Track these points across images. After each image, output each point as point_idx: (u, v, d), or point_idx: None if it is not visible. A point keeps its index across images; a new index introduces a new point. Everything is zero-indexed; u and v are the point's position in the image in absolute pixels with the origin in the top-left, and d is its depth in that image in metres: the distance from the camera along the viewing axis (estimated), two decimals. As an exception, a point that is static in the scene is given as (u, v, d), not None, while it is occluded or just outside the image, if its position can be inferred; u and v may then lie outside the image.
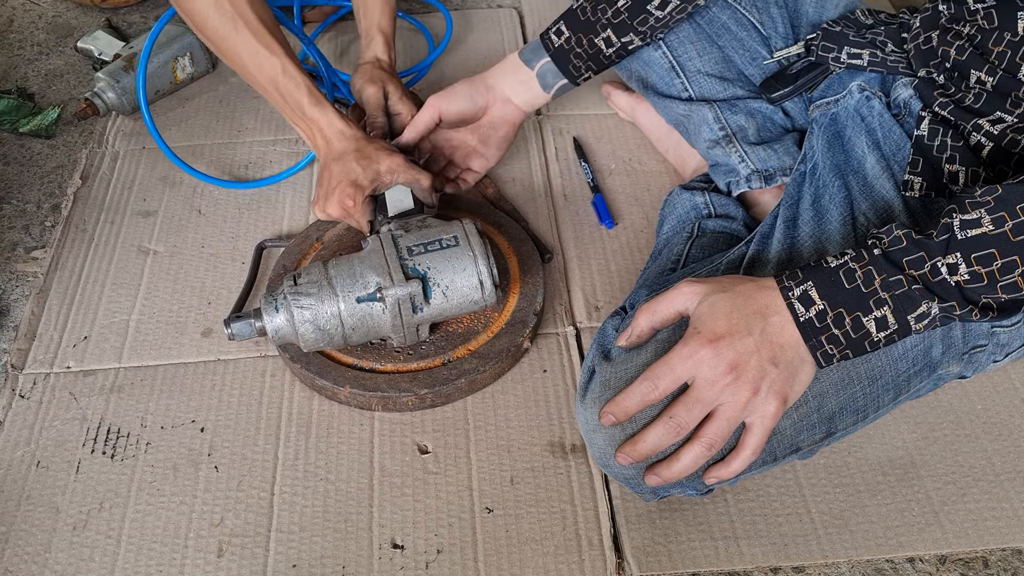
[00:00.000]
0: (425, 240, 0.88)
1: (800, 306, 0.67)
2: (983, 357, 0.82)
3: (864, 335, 0.67)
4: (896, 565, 0.84)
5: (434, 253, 0.88)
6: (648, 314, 0.73)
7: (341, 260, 0.89)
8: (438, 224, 0.91)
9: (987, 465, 0.90)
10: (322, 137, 0.96)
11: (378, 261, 0.87)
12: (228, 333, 0.89)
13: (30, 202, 1.20)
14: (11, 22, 1.51)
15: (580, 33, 0.96)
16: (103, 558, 0.84)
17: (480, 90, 1.02)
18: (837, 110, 0.91)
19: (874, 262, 0.66)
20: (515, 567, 0.84)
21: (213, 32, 0.93)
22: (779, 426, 0.76)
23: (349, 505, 0.88)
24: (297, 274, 0.89)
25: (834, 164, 0.88)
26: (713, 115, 1.02)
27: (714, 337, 0.67)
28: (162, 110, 1.32)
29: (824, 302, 0.66)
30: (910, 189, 0.82)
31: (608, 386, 0.77)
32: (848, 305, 0.66)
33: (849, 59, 0.91)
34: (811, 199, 0.87)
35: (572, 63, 0.98)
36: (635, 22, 0.94)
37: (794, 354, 0.68)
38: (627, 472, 0.80)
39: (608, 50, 0.97)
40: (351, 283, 0.87)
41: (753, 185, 1.00)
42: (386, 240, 0.89)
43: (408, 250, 0.88)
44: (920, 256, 0.65)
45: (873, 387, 0.78)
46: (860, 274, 0.66)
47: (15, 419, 0.95)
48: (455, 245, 0.88)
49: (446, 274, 0.88)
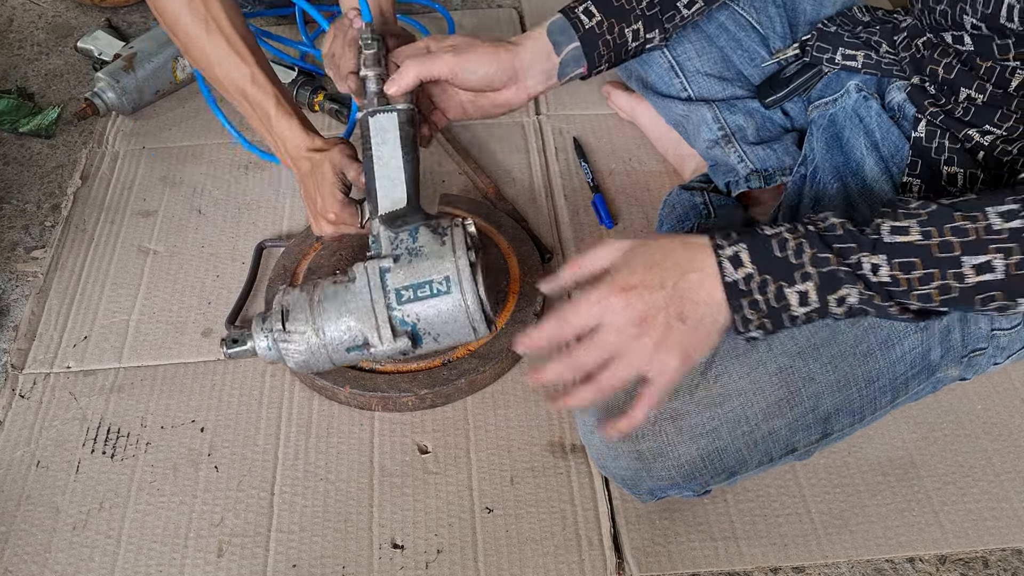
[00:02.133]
0: (415, 282, 0.81)
1: (729, 266, 0.67)
2: (983, 360, 0.82)
3: (785, 307, 0.67)
4: (896, 565, 0.84)
5: (424, 301, 0.81)
6: (574, 268, 0.72)
7: (327, 300, 0.83)
8: (430, 247, 0.82)
9: (987, 465, 0.90)
10: (288, 156, 0.94)
11: (365, 311, 0.82)
12: (226, 353, 0.87)
13: (30, 202, 1.20)
14: (11, 22, 1.51)
15: (613, 19, 0.88)
16: (103, 558, 0.84)
17: (506, 69, 0.89)
18: (835, 110, 0.91)
19: (808, 236, 0.66)
20: (515, 567, 0.84)
21: (184, 33, 0.91)
22: (774, 426, 0.76)
23: (349, 505, 0.88)
24: (285, 312, 0.84)
25: (833, 166, 0.88)
26: (712, 115, 1.02)
27: (627, 287, 0.67)
28: (162, 110, 1.32)
29: (754, 266, 0.66)
30: (908, 191, 0.82)
31: None
32: (775, 272, 0.66)
33: (844, 60, 0.91)
34: (811, 203, 0.86)
35: (598, 50, 0.90)
36: (664, 17, 0.90)
37: (706, 312, 0.68)
38: (625, 474, 0.80)
39: (632, 44, 0.91)
40: (339, 334, 0.83)
41: (752, 185, 1.00)
42: (373, 279, 0.82)
43: (397, 295, 0.82)
44: (850, 247, 0.65)
45: (870, 389, 0.78)
46: (793, 245, 0.66)
47: (15, 419, 0.95)
48: (447, 292, 0.81)
49: (437, 324, 0.82)
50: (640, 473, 0.78)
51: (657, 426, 0.76)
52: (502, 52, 0.88)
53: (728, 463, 0.78)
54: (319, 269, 1.04)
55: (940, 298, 0.64)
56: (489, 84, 0.89)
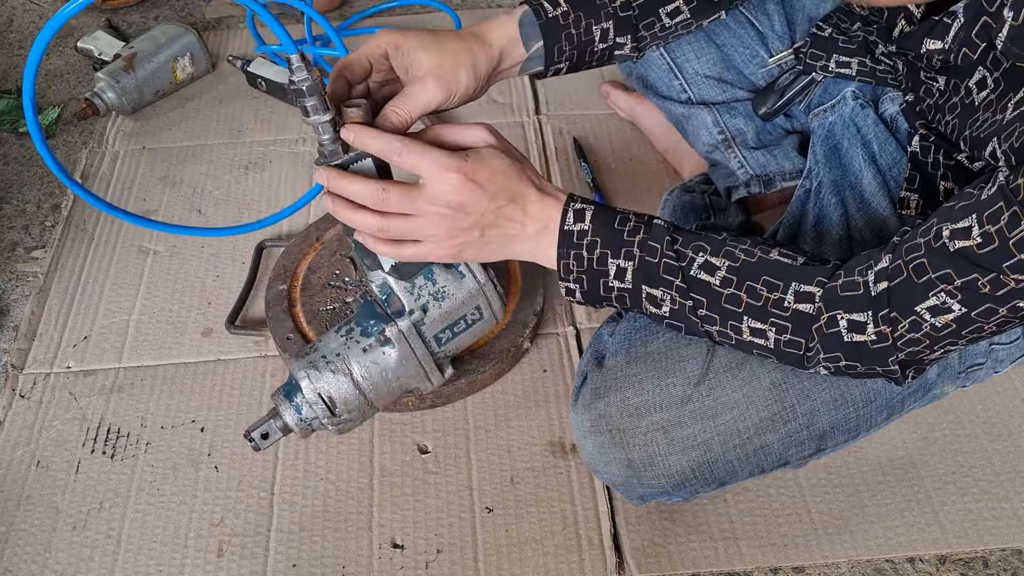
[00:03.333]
0: (451, 323, 0.82)
1: (572, 217, 0.70)
2: (981, 373, 0.81)
3: (603, 272, 0.70)
4: (896, 565, 0.84)
5: (461, 334, 0.83)
6: (444, 128, 0.72)
7: (375, 380, 0.80)
8: (452, 286, 0.79)
9: (987, 465, 0.90)
10: None
11: (414, 372, 0.82)
12: (258, 447, 0.81)
13: (30, 202, 1.20)
14: (11, 22, 1.51)
15: (580, 12, 0.81)
16: (103, 558, 0.84)
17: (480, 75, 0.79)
18: (833, 119, 0.90)
19: (647, 224, 0.69)
20: (515, 567, 0.84)
21: None
22: (767, 440, 0.76)
23: (349, 505, 0.88)
24: (332, 402, 0.79)
25: (832, 180, 0.86)
26: (712, 119, 1.02)
27: (472, 176, 0.68)
28: (162, 110, 1.32)
29: (591, 226, 0.69)
30: (906, 207, 0.81)
31: (598, 394, 0.78)
32: (605, 241, 0.69)
33: (838, 68, 0.89)
34: (814, 220, 0.86)
35: (560, 43, 0.81)
36: (642, 23, 0.84)
37: (504, 242, 0.71)
38: (616, 480, 0.80)
39: (599, 45, 0.84)
40: (391, 397, 0.83)
41: (752, 190, 1.00)
42: (414, 341, 0.80)
43: (436, 340, 0.82)
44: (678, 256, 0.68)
45: (867, 409, 0.78)
46: (631, 226, 0.69)
47: (15, 419, 0.95)
48: (480, 319, 0.83)
49: (470, 340, 0.85)
50: (631, 480, 0.78)
51: (648, 436, 0.76)
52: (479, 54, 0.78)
53: (718, 474, 0.78)
54: (319, 269, 1.04)
55: (718, 340, 0.70)
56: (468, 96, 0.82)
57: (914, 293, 0.60)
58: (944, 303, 0.59)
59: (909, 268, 0.61)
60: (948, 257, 0.58)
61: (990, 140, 0.65)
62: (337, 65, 0.74)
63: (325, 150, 0.71)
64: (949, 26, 0.65)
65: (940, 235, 0.59)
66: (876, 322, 0.63)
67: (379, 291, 0.80)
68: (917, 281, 0.60)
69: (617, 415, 0.76)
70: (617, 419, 0.76)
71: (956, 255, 0.58)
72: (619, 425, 0.76)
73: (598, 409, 0.77)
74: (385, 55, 0.75)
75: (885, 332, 0.63)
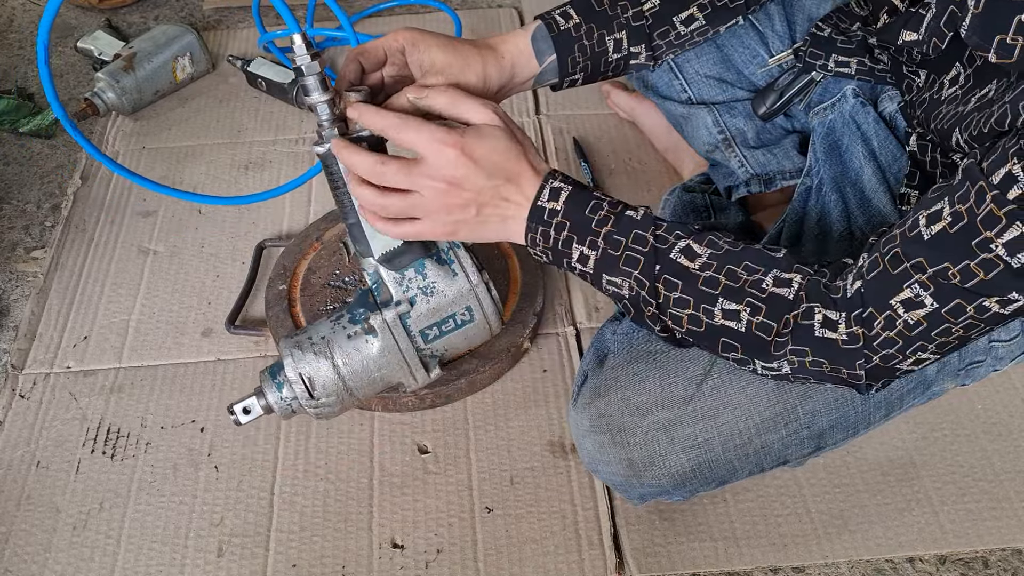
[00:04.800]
0: (439, 320, 0.80)
1: (547, 194, 0.70)
2: (981, 370, 0.81)
3: (566, 254, 0.70)
4: (896, 565, 0.84)
5: (450, 334, 0.81)
6: (448, 96, 0.72)
7: (353, 362, 0.79)
8: (443, 282, 0.78)
9: (987, 465, 0.90)
10: None
11: (396, 364, 0.80)
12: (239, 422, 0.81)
13: (30, 202, 1.20)
14: (11, 22, 1.51)
15: (592, 24, 0.82)
16: (103, 558, 0.84)
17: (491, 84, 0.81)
18: (834, 116, 0.90)
19: (618, 215, 0.69)
20: (515, 567, 0.84)
21: None
22: (767, 440, 0.76)
23: (349, 505, 0.88)
24: (311, 384, 0.79)
25: (832, 177, 0.87)
26: (712, 118, 1.02)
27: (469, 153, 0.68)
28: (162, 110, 1.32)
29: (563, 207, 0.69)
30: (907, 203, 0.81)
31: (598, 393, 0.78)
32: (574, 225, 0.69)
33: (837, 67, 0.89)
34: (816, 217, 0.86)
35: (573, 55, 0.82)
36: (656, 32, 0.83)
37: (500, 223, 0.71)
38: (615, 480, 0.80)
39: (613, 56, 0.84)
40: (372, 389, 0.81)
41: (752, 190, 0.99)
42: (397, 331, 0.79)
43: (423, 335, 0.80)
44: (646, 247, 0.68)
45: (866, 406, 0.78)
46: (602, 214, 0.69)
47: (15, 419, 0.95)
48: (471, 320, 0.80)
49: (462, 344, 0.83)
50: (631, 480, 0.78)
51: (649, 435, 0.76)
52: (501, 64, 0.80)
53: (718, 473, 0.78)
54: (319, 269, 1.04)
55: (687, 327, 0.68)
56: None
57: (889, 285, 0.61)
58: (917, 295, 0.60)
59: (885, 260, 0.61)
60: (923, 244, 0.59)
61: (953, 131, 0.66)
62: (354, 50, 0.75)
63: (323, 131, 0.72)
64: (923, 17, 0.66)
65: (916, 224, 0.60)
66: (848, 322, 0.63)
67: (370, 279, 0.80)
68: (892, 272, 0.61)
69: (618, 414, 0.76)
70: (618, 418, 0.76)
71: (930, 242, 0.59)
72: (620, 424, 0.76)
73: (598, 408, 0.77)
74: (402, 50, 0.75)
75: (857, 333, 0.63)
